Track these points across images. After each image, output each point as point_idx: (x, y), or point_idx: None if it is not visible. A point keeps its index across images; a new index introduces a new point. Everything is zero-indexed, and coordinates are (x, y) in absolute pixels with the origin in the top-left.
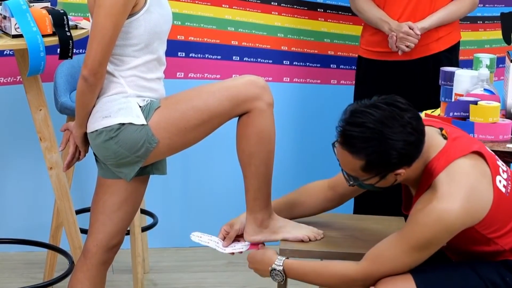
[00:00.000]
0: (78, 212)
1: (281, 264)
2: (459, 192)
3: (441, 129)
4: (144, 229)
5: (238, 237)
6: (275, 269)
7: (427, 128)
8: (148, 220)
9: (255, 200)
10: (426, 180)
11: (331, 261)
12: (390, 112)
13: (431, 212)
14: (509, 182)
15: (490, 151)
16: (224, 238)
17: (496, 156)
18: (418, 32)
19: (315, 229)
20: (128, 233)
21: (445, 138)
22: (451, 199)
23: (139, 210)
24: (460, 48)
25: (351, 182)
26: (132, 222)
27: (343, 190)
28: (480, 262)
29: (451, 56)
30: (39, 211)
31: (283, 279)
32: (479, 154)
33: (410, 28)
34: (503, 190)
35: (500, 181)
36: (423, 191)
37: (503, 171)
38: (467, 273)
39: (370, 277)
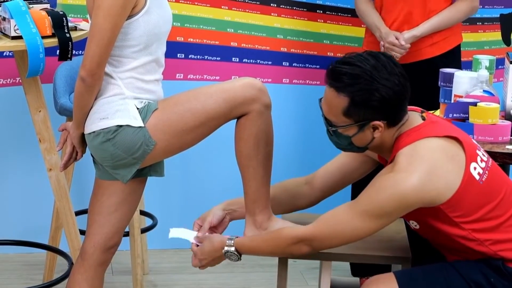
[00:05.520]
0: (78, 213)
1: (232, 243)
2: (419, 166)
3: (422, 112)
4: (144, 230)
5: (213, 231)
6: (228, 251)
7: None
8: (148, 222)
9: (254, 202)
10: (392, 153)
11: (281, 228)
12: (383, 62)
13: (387, 178)
14: (486, 172)
15: (474, 141)
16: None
17: (479, 147)
18: (403, 43)
19: None
20: (127, 234)
21: (423, 119)
22: (409, 170)
23: (137, 211)
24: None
25: (330, 128)
26: (132, 223)
27: (321, 185)
28: (464, 262)
29: (448, 60)
30: (39, 213)
31: (238, 258)
32: (457, 140)
33: (396, 38)
34: (477, 177)
35: (475, 168)
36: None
37: (482, 160)
38: (451, 274)
39: (317, 237)
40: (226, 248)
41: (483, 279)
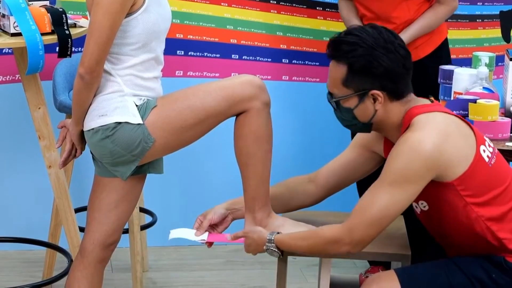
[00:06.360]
0: (77, 210)
1: (272, 240)
2: (436, 128)
3: (430, 96)
4: (143, 227)
5: (214, 229)
6: (269, 248)
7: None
8: (147, 219)
9: (253, 199)
10: (403, 126)
11: (320, 227)
12: (382, 33)
13: (404, 141)
14: (494, 157)
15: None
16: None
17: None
18: None
19: (314, 227)
20: (127, 231)
21: (432, 102)
22: (426, 129)
23: (137, 208)
24: (456, 46)
25: (331, 99)
26: (131, 220)
27: (324, 182)
28: (465, 258)
29: (436, 58)
30: (38, 210)
31: (279, 255)
32: (466, 123)
33: None
34: (486, 159)
35: (484, 151)
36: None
37: (489, 145)
38: (452, 270)
39: (354, 231)
40: (267, 244)
41: (485, 275)
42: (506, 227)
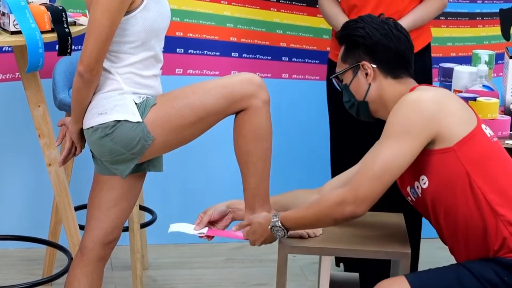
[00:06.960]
0: (77, 208)
1: (277, 219)
2: (436, 92)
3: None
4: (143, 225)
5: (214, 225)
6: (274, 226)
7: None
8: (147, 217)
9: (253, 197)
10: None
11: (323, 195)
12: (384, 18)
13: (404, 98)
14: (495, 138)
15: None
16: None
17: None
18: None
19: None
20: (127, 229)
21: None
22: (425, 91)
23: (137, 206)
24: (456, 44)
25: (333, 75)
26: (131, 218)
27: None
28: (475, 262)
29: (424, 57)
30: (38, 208)
31: (284, 233)
32: (468, 104)
33: None
34: (488, 135)
35: (485, 128)
36: None
37: (490, 129)
38: (463, 274)
39: (357, 188)
40: (272, 223)
41: (496, 278)
42: (505, 203)
